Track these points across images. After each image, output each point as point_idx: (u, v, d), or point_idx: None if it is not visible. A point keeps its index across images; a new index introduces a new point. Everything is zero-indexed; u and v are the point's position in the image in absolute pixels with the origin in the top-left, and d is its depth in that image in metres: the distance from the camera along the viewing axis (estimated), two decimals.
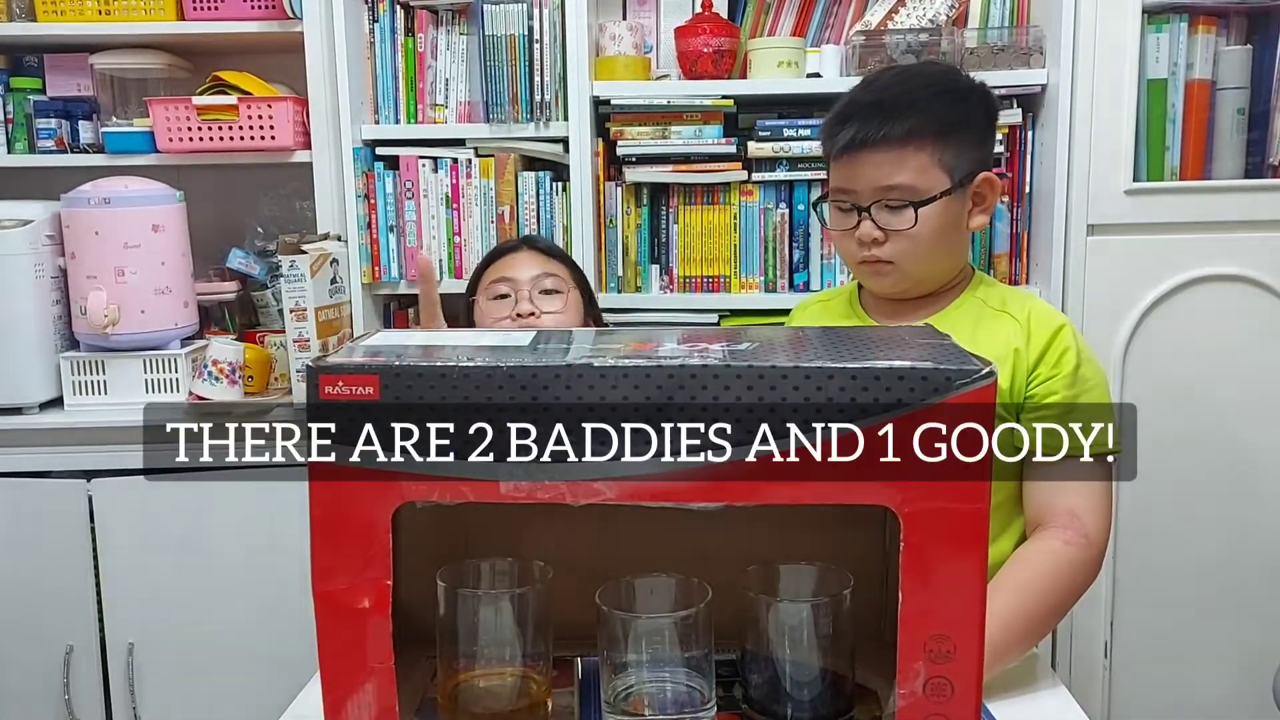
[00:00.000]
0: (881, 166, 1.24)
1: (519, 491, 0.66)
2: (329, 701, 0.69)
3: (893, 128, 1.23)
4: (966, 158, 1.27)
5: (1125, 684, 2.09)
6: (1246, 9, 1.99)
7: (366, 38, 2.12)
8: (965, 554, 0.65)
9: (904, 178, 1.24)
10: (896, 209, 1.25)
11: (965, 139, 1.27)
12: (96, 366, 2.04)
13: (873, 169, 1.24)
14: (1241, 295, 1.98)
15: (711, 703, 0.75)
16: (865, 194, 1.26)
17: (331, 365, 0.66)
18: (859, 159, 1.25)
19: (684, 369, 0.65)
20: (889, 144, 1.23)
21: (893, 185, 1.24)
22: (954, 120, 1.26)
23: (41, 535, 1.99)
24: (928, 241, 1.26)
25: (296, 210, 2.28)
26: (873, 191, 1.25)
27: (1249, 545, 2.04)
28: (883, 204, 1.25)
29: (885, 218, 1.25)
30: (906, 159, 1.24)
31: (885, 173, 1.24)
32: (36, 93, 2.23)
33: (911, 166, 1.24)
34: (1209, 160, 2.02)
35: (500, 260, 1.68)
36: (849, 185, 1.27)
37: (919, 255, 1.27)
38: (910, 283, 1.31)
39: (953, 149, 1.25)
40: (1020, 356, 1.26)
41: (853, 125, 1.25)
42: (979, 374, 0.64)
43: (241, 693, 2.03)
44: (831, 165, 1.31)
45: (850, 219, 1.28)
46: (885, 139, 1.23)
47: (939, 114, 1.25)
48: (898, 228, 1.25)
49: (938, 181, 1.25)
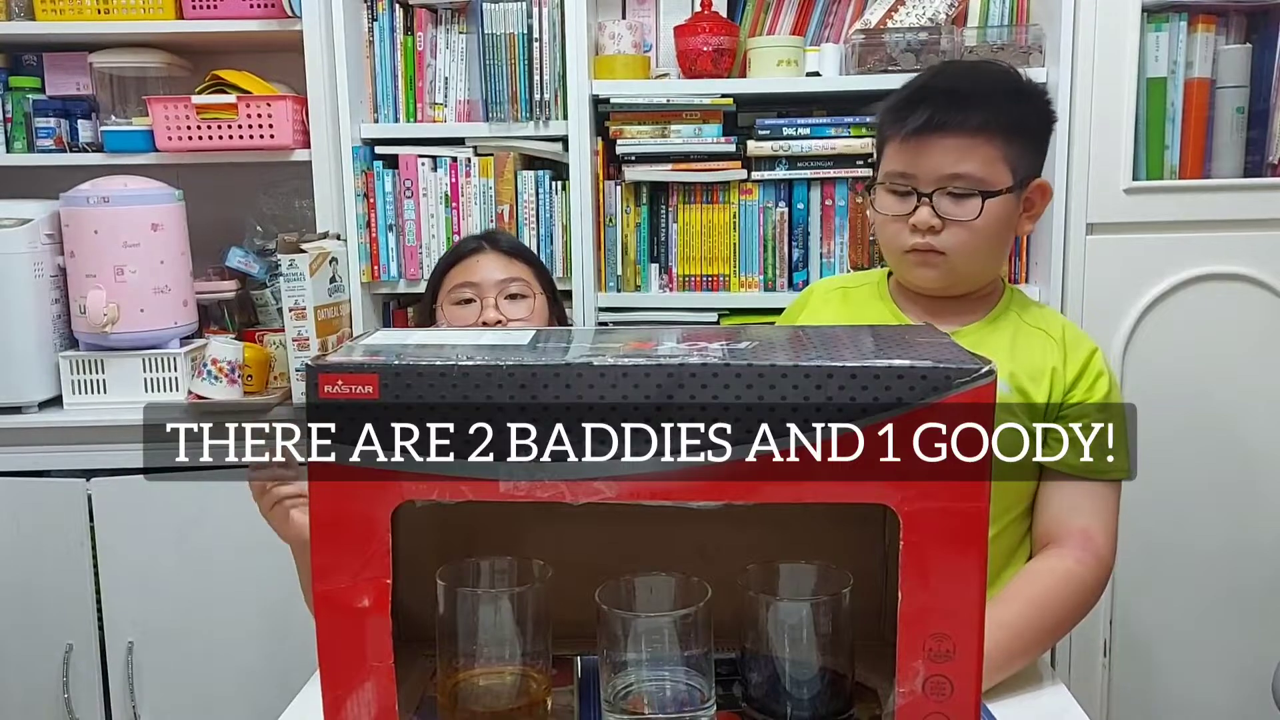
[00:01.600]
0: (950, 153, 1.22)
1: (519, 490, 0.66)
2: (329, 700, 0.69)
3: (968, 116, 1.21)
4: (1027, 160, 1.26)
5: (1125, 683, 2.09)
6: (1246, 8, 1.99)
7: (366, 36, 2.11)
8: (965, 553, 0.65)
9: (971, 167, 1.22)
10: (960, 198, 1.23)
11: (1028, 141, 1.26)
12: (96, 366, 2.04)
13: (940, 155, 1.22)
14: (1241, 294, 1.98)
15: (711, 701, 0.75)
16: (928, 180, 1.23)
17: (331, 364, 0.66)
18: (928, 143, 1.23)
19: (683, 368, 0.65)
20: (961, 131, 1.22)
21: (959, 174, 1.22)
22: (1021, 120, 1.25)
23: (41, 534, 1.99)
24: (984, 236, 1.24)
25: (296, 209, 2.28)
26: (937, 178, 1.23)
27: (1248, 544, 2.04)
28: (945, 191, 1.23)
29: (946, 206, 1.23)
30: (976, 149, 1.22)
31: (953, 160, 1.22)
32: (35, 92, 2.23)
33: (980, 157, 1.22)
34: (1208, 159, 2.02)
35: (462, 263, 1.62)
36: (911, 169, 1.24)
37: (973, 249, 1.25)
38: (955, 278, 1.28)
39: (1017, 148, 1.24)
40: (1058, 375, 1.27)
41: (926, 109, 1.22)
42: (978, 373, 0.64)
43: (241, 692, 2.03)
44: (890, 148, 1.28)
45: (907, 204, 1.25)
46: (959, 126, 1.21)
47: (1010, 111, 1.24)
48: (959, 217, 1.23)
49: (1003, 177, 1.23)
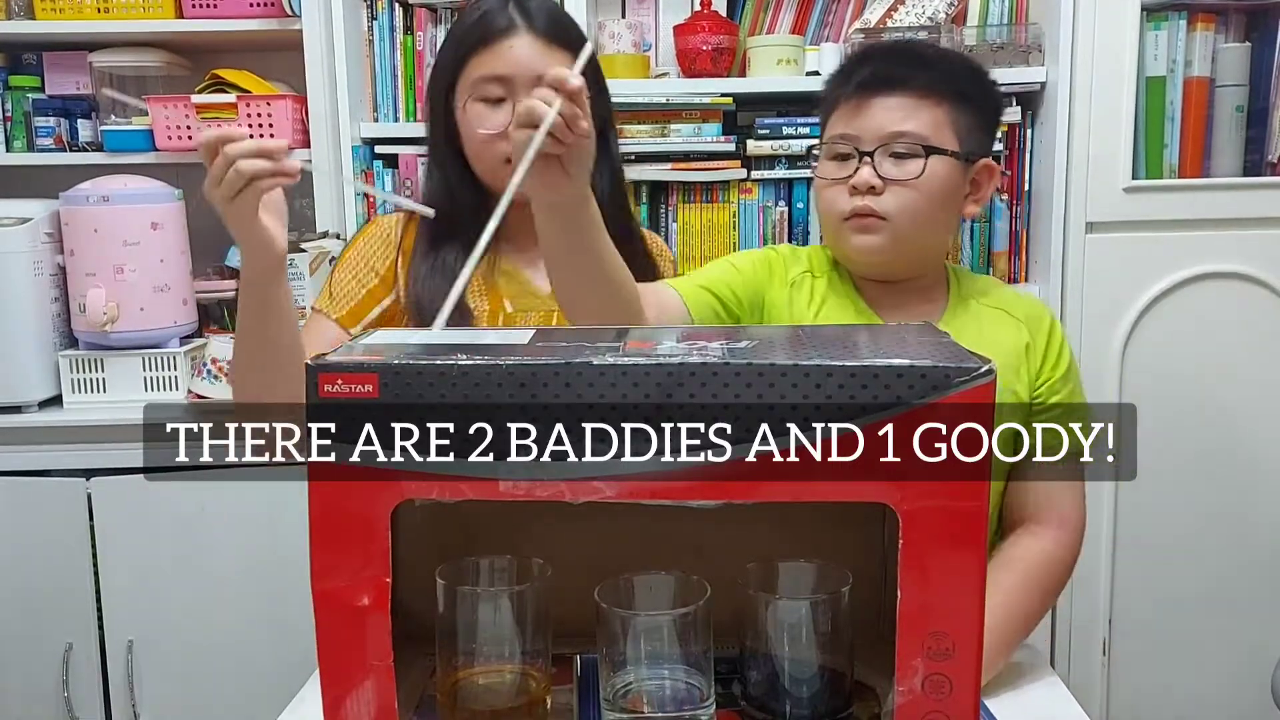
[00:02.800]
0: (895, 111, 1.17)
1: (518, 489, 0.66)
2: (328, 699, 0.69)
3: (915, 74, 1.17)
4: (976, 136, 1.21)
5: (1124, 682, 2.09)
6: (1245, 6, 1.99)
7: (365, 36, 2.11)
8: (964, 552, 0.66)
9: (916, 126, 1.16)
10: (903, 158, 1.17)
11: (977, 114, 1.21)
12: (95, 365, 2.04)
13: (884, 113, 1.17)
14: (1240, 293, 1.99)
15: (710, 700, 0.76)
16: (870, 138, 1.17)
17: (330, 364, 0.66)
18: (871, 102, 1.17)
19: (683, 367, 0.65)
20: (907, 90, 1.17)
21: (904, 131, 1.16)
22: (972, 92, 1.20)
23: (41, 534, 1.99)
24: (927, 201, 1.17)
25: (295, 208, 2.28)
26: (880, 136, 1.17)
27: (1248, 543, 2.04)
28: (888, 150, 1.17)
29: (888, 167, 1.17)
30: (923, 109, 1.17)
31: (897, 117, 1.16)
32: (35, 91, 2.23)
33: (926, 118, 1.17)
34: (1208, 158, 2.02)
35: (490, 49, 1.29)
36: (852, 129, 1.18)
37: (915, 215, 1.17)
38: (898, 247, 1.19)
39: (965, 119, 1.19)
40: (1031, 357, 1.24)
41: (870, 65, 1.18)
42: (978, 372, 0.64)
43: (241, 691, 2.04)
44: (835, 113, 1.22)
45: (848, 166, 1.18)
46: (905, 83, 1.17)
47: (960, 79, 1.20)
48: (901, 178, 1.16)
49: (949, 141, 1.18)
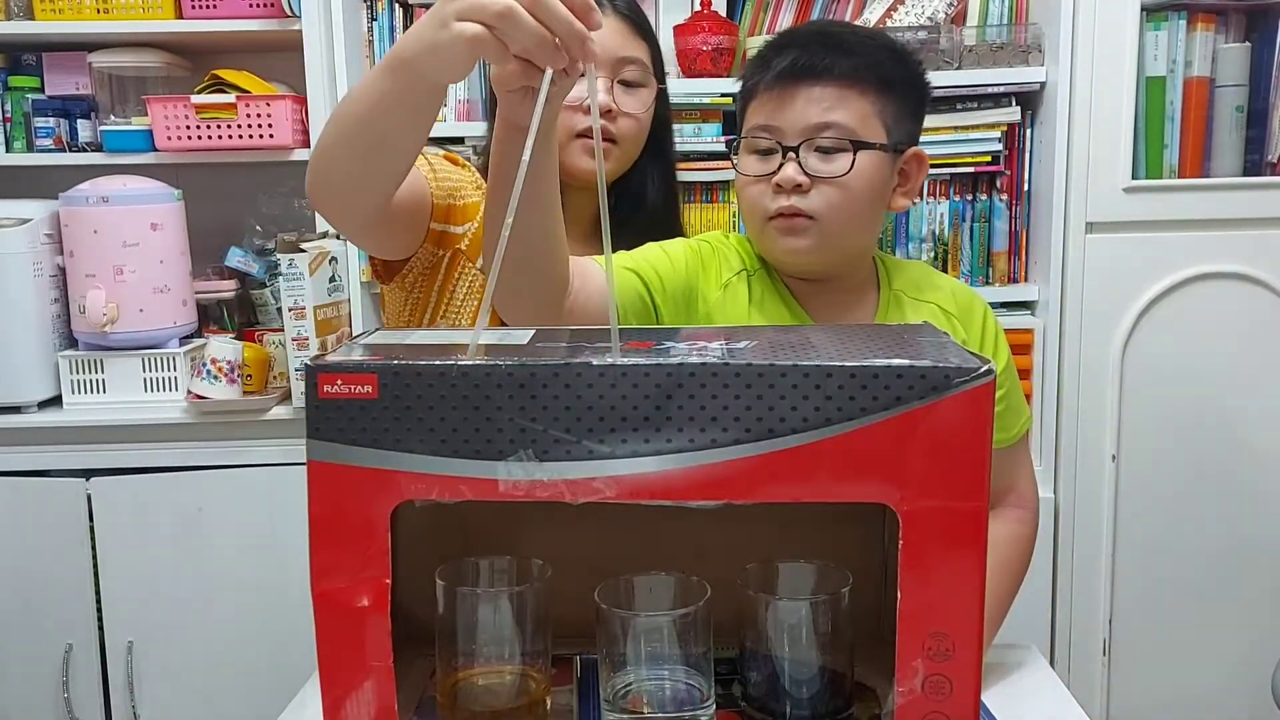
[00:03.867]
0: (819, 102, 1.07)
1: (518, 490, 0.66)
2: (328, 700, 0.69)
3: (838, 61, 1.07)
4: (903, 125, 1.12)
5: (1124, 682, 2.09)
6: (1245, 6, 1.99)
7: (365, 36, 2.11)
8: (964, 552, 0.66)
9: (841, 117, 1.07)
10: (829, 152, 1.08)
11: (904, 102, 1.12)
12: (95, 365, 2.04)
13: (807, 104, 1.08)
14: (1240, 292, 1.99)
15: (710, 700, 0.75)
16: (794, 132, 1.08)
17: (330, 364, 0.66)
18: (793, 92, 1.08)
19: (683, 368, 0.65)
20: (831, 79, 1.07)
21: (829, 123, 1.07)
22: (897, 78, 1.11)
23: (40, 534, 1.99)
24: (855, 199, 1.09)
25: (295, 209, 2.28)
26: (804, 129, 1.08)
27: (1248, 542, 2.04)
28: (813, 144, 1.08)
29: (814, 163, 1.08)
30: (848, 99, 1.08)
31: (822, 109, 1.07)
32: (35, 91, 2.23)
33: (852, 109, 1.08)
34: (1208, 158, 2.02)
35: None
36: (774, 121, 1.09)
37: (845, 212, 1.09)
38: (825, 251, 1.11)
39: (893, 108, 1.10)
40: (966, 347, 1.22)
41: (791, 53, 1.08)
42: (978, 372, 0.64)
43: (241, 691, 2.04)
44: (754, 102, 1.12)
45: (770, 163, 1.10)
46: (828, 72, 1.07)
47: (884, 64, 1.10)
48: (828, 174, 1.08)
49: (876, 133, 1.09)
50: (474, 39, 0.76)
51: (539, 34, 0.75)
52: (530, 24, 0.74)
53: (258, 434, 2.02)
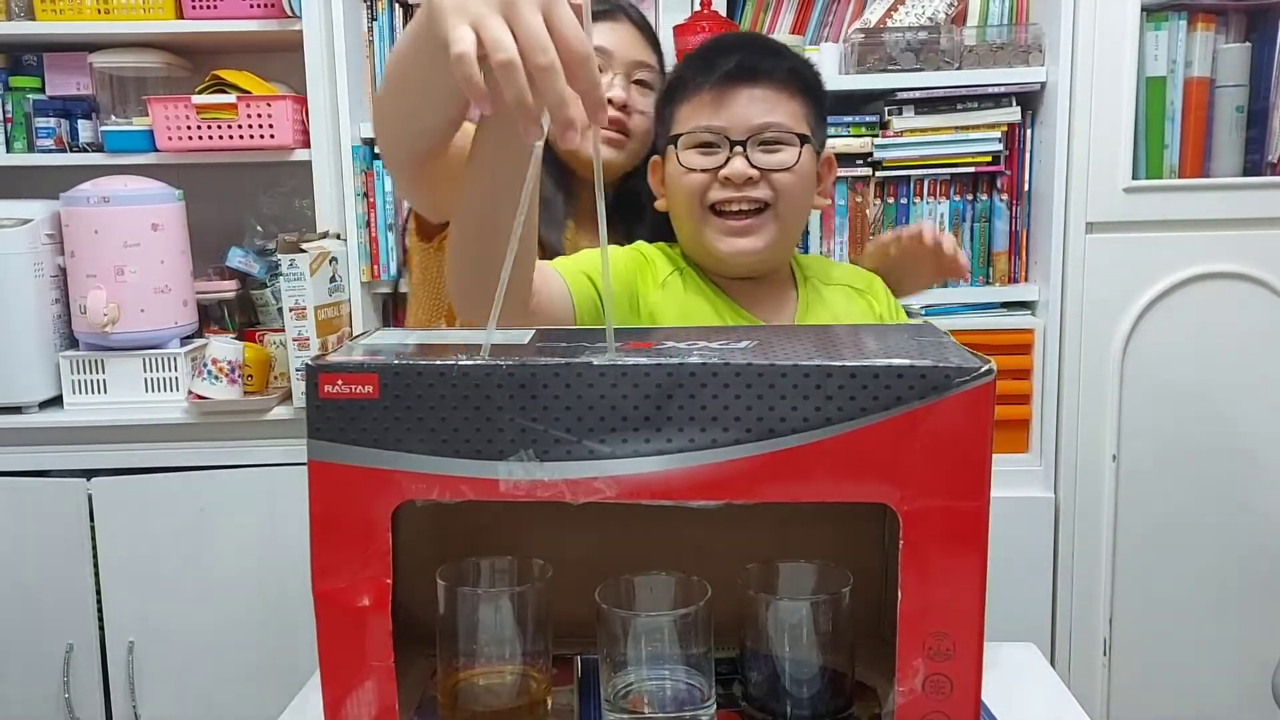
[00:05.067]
0: (760, 102, 1.16)
1: (518, 490, 0.66)
2: (329, 700, 0.69)
3: (777, 64, 1.17)
4: (820, 129, 1.22)
5: (1125, 682, 2.09)
6: (1245, 7, 1.99)
7: (365, 36, 2.12)
8: (964, 552, 0.66)
9: (781, 116, 1.16)
10: (772, 146, 1.16)
11: (820, 109, 1.22)
12: (96, 365, 2.04)
13: (749, 104, 1.16)
14: (1240, 293, 1.99)
15: (711, 700, 0.76)
16: (739, 129, 1.16)
17: (331, 364, 0.66)
18: (735, 93, 1.16)
19: (683, 367, 0.65)
20: (770, 80, 1.16)
21: (771, 122, 1.16)
22: (814, 85, 1.21)
23: (41, 535, 2.00)
24: (803, 187, 1.18)
25: (296, 209, 2.28)
26: (750, 128, 1.15)
27: (1248, 543, 2.04)
28: (757, 140, 1.16)
29: (760, 156, 1.16)
30: (783, 101, 1.17)
31: (765, 108, 1.16)
32: (35, 92, 2.23)
33: (786, 110, 1.17)
34: (1208, 158, 2.02)
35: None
36: (719, 120, 1.16)
37: (795, 200, 1.18)
38: (772, 247, 1.19)
39: (814, 113, 1.20)
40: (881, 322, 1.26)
41: (734, 55, 1.16)
42: (978, 372, 0.64)
43: (241, 691, 2.04)
44: (689, 106, 1.18)
45: (715, 157, 1.16)
46: (769, 74, 1.16)
47: (804, 72, 1.20)
48: (775, 167, 1.16)
49: (804, 130, 1.18)
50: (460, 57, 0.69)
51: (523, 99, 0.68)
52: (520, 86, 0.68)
53: (259, 434, 2.03)
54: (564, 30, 0.68)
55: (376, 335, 0.77)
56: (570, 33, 0.68)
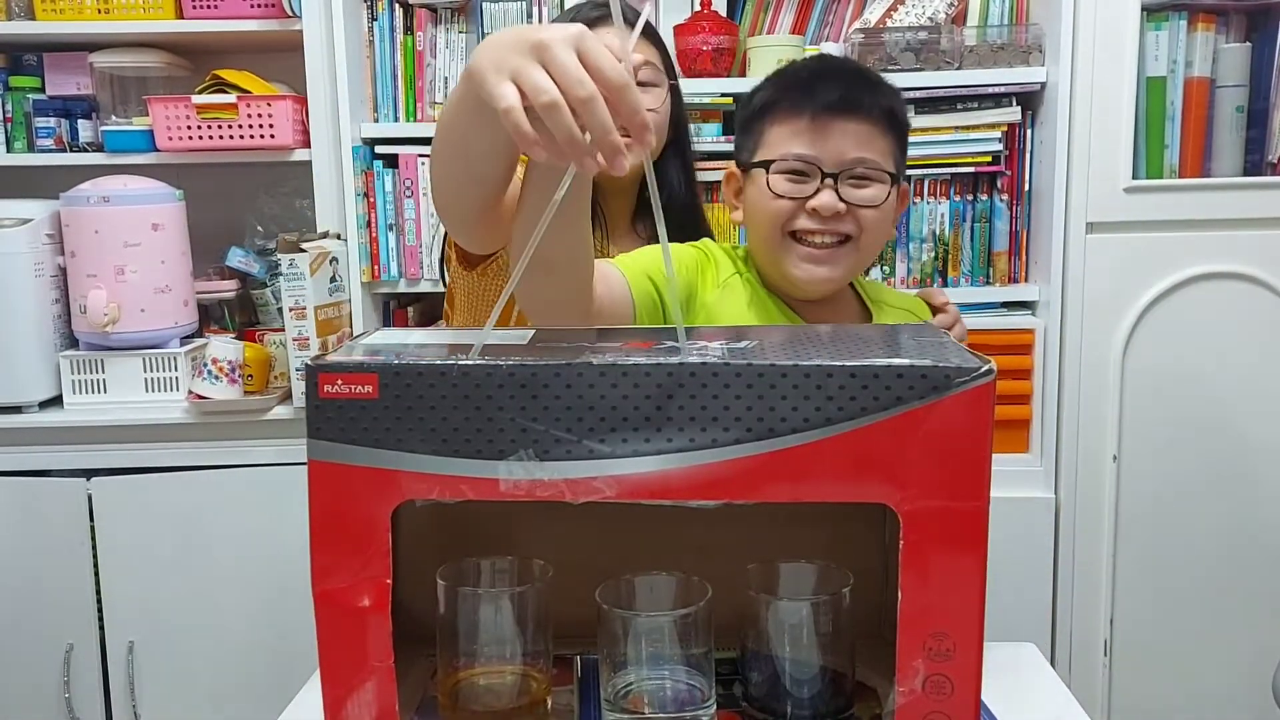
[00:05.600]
0: (857, 135, 1.14)
1: (519, 490, 0.66)
2: (329, 700, 0.69)
3: (875, 99, 1.15)
4: (903, 160, 1.21)
5: (1125, 682, 2.09)
6: (1246, 7, 1.99)
7: (366, 36, 2.12)
8: (964, 552, 0.66)
9: (874, 153, 1.15)
10: (862, 182, 1.15)
11: (904, 143, 1.21)
12: (96, 365, 2.04)
13: (846, 137, 1.14)
14: (1241, 293, 1.99)
15: (711, 700, 0.76)
16: (832, 162, 1.14)
17: (331, 364, 0.66)
18: (834, 124, 1.14)
19: (683, 368, 0.65)
20: (869, 116, 1.15)
21: (864, 158, 1.14)
22: (904, 121, 1.20)
23: (41, 534, 1.99)
24: (885, 225, 1.18)
25: (296, 209, 2.28)
26: (843, 162, 1.14)
27: (1249, 542, 2.04)
28: (848, 174, 1.14)
29: (849, 191, 1.14)
30: (877, 137, 1.15)
31: (858, 143, 1.14)
32: (36, 92, 2.23)
33: (879, 146, 1.16)
34: (1208, 158, 2.02)
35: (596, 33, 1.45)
36: (813, 151, 1.14)
37: (877, 237, 1.18)
38: (849, 274, 1.20)
39: (900, 148, 1.19)
40: None
41: (836, 86, 1.14)
42: (978, 372, 0.64)
43: (241, 692, 2.04)
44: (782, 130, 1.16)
45: (804, 187, 1.15)
46: (869, 109, 1.14)
47: (898, 108, 1.19)
48: (862, 203, 1.14)
49: (893, 169, 1.18)
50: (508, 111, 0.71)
51: (573, 136, 0.69)
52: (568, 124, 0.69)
53: (259, 434, 2.03)
54: (599, 62, 0.70)
55: (376, 335, 0.77)
56: (605, 63, 0.69)
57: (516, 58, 0.72)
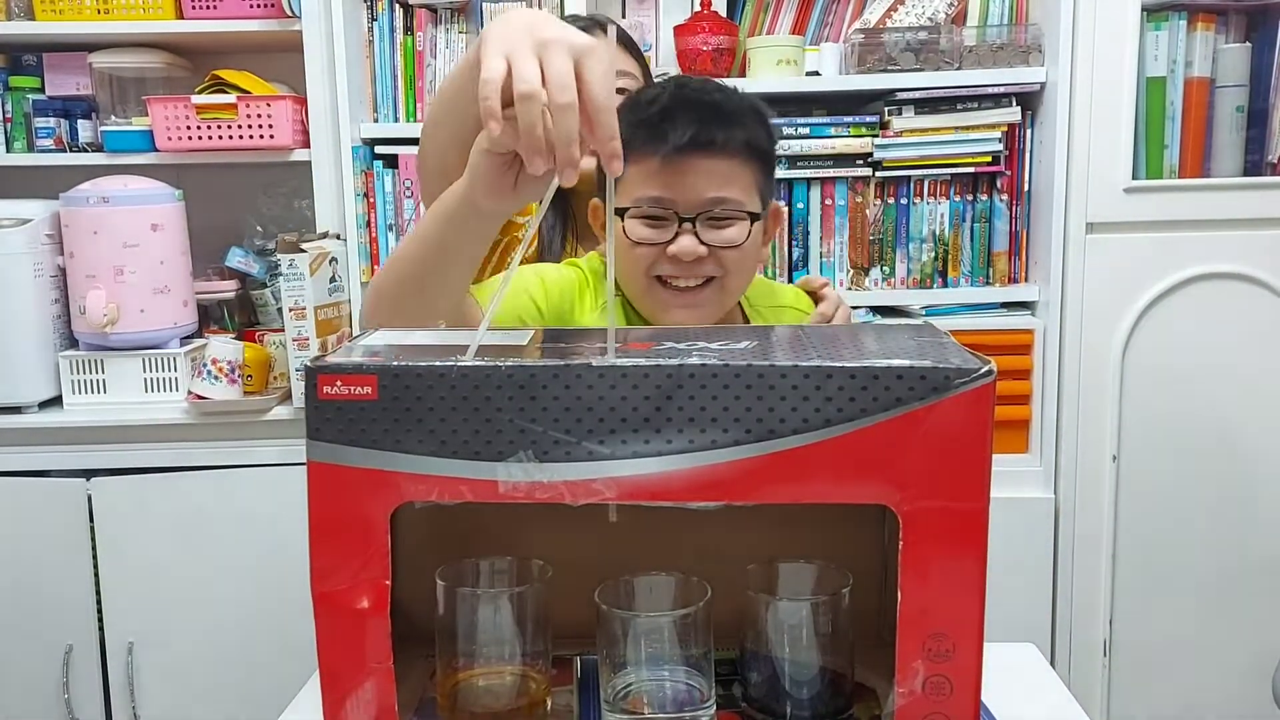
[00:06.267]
0: (712, 175, 1.09)
1: (518, 491, 0.66)
2: (328, 701, 0.69)
3: (732, 134, 1.10)
4: (769, 185, 1.17)
5: (1125, 683, 2.09)
6: (1245, 7, 1.99)
7: (365, 36, 2.12)
8: (964, 553, 0.66)
9: (732, 191, 1.10)
10: (724, 222, 1.11)
11: (771, 168, 1.17)
12: (96, 366, 2.04)
13: (702, 177, 1.09)
14: (1240, 293, 1.99)
15: (711, 701, 0.75)
16: (689, 205, 1.10)
17: (330, 365, 0.66)
18: (688, 164, 1.09)
19: (683, 369, 0.65)
20: (724, 153, 1.09)
21: (722, 198, 1.10)
22: (768, 147, 1.15)
23: (41, 535, 1.99)
24: (749, 262, 1.15)
25: (295, 209, 2.28)
26: (700, 203, 1.10)
27: (1248, 543, 2.04)
28: (706, 215, 1.10)
29: (709, 233, 1.10)
30: (736, 173, 1.11)
31: (716, 183, 1.09)
32: (35, 92, 2.23)
33: (739, 182, 1.11)
34: (1208, 158, 2.02)
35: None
36: (668, 193, 1.10)
37: (744, 275, 1.15)
38: (718, 311, 1.16)
39: (765, 176, 1.15)
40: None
41: (688, 125, 1.08)
42: (978, 373, 0.64)
43: (241, 692, 2.04)
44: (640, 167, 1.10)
45: (663, 231, 1.10)
46: (723, 146, 1.09)
47: (761, 137, 1.14)
48: (724, 242, 1.11)
49: (757, 203, 1.13)
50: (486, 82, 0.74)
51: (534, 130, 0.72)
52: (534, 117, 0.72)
53: (258, 434, 2.03)
54: (590, 78, 0.73)
55: (376, 336, 0.77)
56: (596, 81, 0.72)
57: (521, 42, 0.74)
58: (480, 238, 0.93)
